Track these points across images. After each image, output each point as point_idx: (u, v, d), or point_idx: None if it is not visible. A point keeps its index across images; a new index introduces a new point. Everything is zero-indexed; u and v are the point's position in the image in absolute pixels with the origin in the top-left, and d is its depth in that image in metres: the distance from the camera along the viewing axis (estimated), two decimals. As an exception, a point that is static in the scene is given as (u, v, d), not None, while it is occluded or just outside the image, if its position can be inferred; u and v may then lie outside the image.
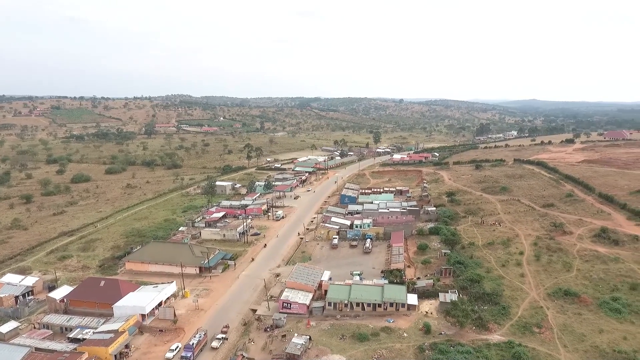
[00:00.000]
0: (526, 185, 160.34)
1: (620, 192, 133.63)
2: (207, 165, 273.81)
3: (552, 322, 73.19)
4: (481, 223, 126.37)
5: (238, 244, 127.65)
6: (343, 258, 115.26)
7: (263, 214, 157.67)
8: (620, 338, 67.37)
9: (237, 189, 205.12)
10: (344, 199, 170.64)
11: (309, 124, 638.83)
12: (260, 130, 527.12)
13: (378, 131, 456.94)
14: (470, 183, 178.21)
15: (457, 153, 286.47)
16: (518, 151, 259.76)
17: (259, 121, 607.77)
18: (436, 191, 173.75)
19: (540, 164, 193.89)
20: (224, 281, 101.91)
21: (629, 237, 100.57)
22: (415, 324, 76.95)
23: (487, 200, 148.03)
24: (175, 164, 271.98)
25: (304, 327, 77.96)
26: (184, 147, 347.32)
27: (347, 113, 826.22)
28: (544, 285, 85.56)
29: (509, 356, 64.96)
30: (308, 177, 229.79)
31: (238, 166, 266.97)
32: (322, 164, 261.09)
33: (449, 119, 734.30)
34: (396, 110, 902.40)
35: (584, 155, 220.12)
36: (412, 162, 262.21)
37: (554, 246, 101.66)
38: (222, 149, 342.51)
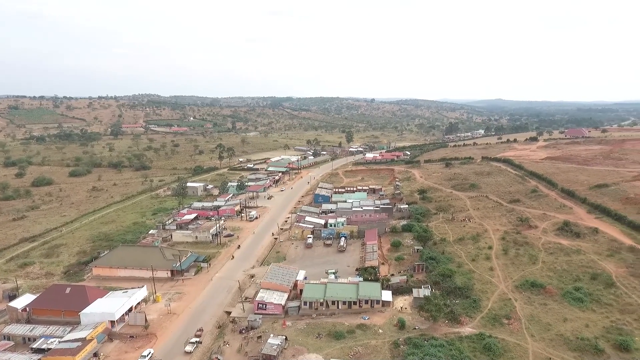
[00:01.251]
0: (494, 182, 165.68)
1: (581, 187, 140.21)
2: (178, 166, 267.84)
3: (520, 313, 75.83)
4: (452, 219, 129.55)
5: (211, 245, 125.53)
6: (318, 257, 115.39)
7: (236, 215, 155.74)
8: (583, 326, 70.59)
9: (209, 190, 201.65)
10: (317, 198, 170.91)
11: (282, 123, 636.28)
12: (232, 130, 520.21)
13: (350, 130, 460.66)
14: (440, 181, 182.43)
15: (428, 151, 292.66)
16: (485, 149, 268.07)
17: (230, 121, 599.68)
18: (408, 189, 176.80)
19: (506, 162, 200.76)
20: (197, 284, 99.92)
21: (589, 230, 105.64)
22: (390, 320, 77.98)
23: (457, 197, 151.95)
24: (143, 165, 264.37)
25: (280, 328, 77.51)
26: (153, 147, 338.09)
27: (320, 113, 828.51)
28: (512, 278, 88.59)
29: (480, 348, 66.85)
30: (281, 177, 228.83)
31: (210, 167, 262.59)
32: (295, 164, 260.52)
33: (419, 118, 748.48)
34: (368, 110, 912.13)
35: (547, 152, 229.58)
36: (385, 160, 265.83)
37: (520, 240, 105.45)
38: (192, 149, 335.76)
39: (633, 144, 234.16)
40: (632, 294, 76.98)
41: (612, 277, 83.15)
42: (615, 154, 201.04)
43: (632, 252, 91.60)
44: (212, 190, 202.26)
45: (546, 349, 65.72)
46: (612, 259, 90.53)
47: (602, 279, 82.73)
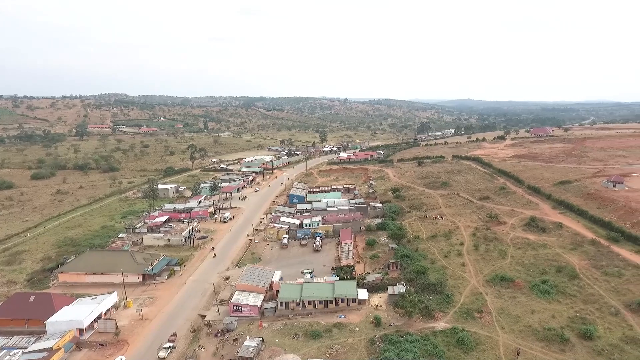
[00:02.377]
0: (464, 180, 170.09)
1: (546, 184, 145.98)
2: (148, 168, 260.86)
3: (490, 307, 78.13)
4: (425, 217, 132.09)
5: (184, 248, 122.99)
6: (293, 257, 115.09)
7: (210, 217, 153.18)
8: (549, 317, 73.48)
9: (181, 192, 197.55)
10: (292, 198, 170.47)
11: (255, 123, 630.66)
12: (203, 131, 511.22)
13: (324, 130, 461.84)
14: (413, 179, 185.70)
15: (401, 151, 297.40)
16: (456, 148, 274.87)
17: (202, 121, 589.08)
18: (382, 188, 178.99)
19: (476, 160, 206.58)
20: (170, 288, 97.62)
21: (554, 225, 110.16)
22: (366, 317, 78.70)
23: (430, 195, 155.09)
24: (111, 167, 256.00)
25: (256, 329, 76.83)
26: (121, 149, 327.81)
27: (293, 112, 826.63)
28: (483, 273, 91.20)
29: (453, 341, 68.42)
30: (255, 178, 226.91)
31: (181, 168, 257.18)
32: (270, 164, 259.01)
33: (391, 118, 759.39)
34: (341, 110, 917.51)
35: (513, 150, 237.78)
36: (358, 160, 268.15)
37: (490, 236, 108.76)
38: (163, 150, 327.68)
39: (593, 142, 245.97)
40: (594, 285, 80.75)
41: (575, 269, 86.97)
42: (577, 151, 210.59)
43: (594, 245, 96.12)
44: (184, 191, 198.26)
45: (516, 340, 68.01)
46: (576, 252, 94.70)
47: (567, 272, 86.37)
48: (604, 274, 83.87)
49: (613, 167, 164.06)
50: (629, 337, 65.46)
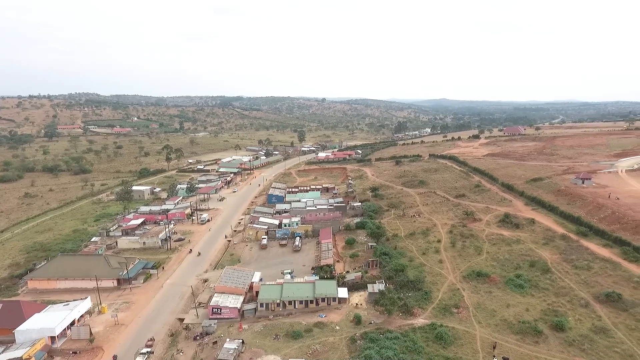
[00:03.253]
0: (441, 178, 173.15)
1: (519, 182, 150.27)
2: (122, 169, 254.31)
3: (467, 302, 79.80)
4: (403, 215, 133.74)
5: (160, 251, 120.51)
6: (273, 258, 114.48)
7: (187, 218, 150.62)
8: (524, 310, 75.65)
9: (156, 194, 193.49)
10: (271, 199, 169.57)
11: (232, 123, 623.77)
12: (179, 131, 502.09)
13: (302, 130, 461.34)
14: (391, 178, 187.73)
15: (379, 150, 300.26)
16: (432, 147, 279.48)
17: (177, 121, 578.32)
18: (361, 187, 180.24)
19: (452, 158, 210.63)
20: (147, 292, 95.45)
21: (527, 221, 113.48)
22: (346, 316, 79.06)
23: (407, 194, 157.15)
24: (83, 169, 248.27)
25: (236, 331, 76.06)
26: (93, 150, 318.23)
27: (271, 112, 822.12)
28: (460, 269, 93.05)
29: (432, 337, 69.53)
30: (233, 178, 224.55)
31: (157, 169, 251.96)
32: (248, 164, 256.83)
33: (369, 118, 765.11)
34: (319, 109, 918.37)
35: (488, 149, 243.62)
36: (337, 159, 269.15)
37: (466, 233, 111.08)
38: (137, 151, 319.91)
39: (562, 140, 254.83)
40: (565, 278, 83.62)
41: (547, 263, 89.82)
42: (548, 150, 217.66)
43: (564, 240, 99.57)
44: (160, 193, 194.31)
45: (492, 334, 69.67)
46: (547, 247, 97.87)
47: (539, 266, 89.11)
48: (574, 267, 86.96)
49: (581, 165, 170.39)
50: (597, 327, 68.06)
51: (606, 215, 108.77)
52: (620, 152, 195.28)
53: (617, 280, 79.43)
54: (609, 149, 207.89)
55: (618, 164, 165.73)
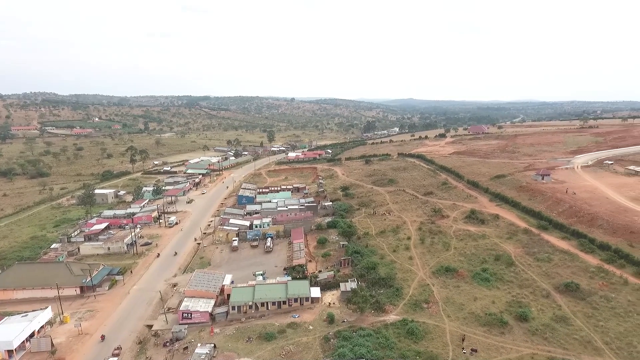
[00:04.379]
0: (409, 177, 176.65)
1: (483, 179, 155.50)
2: (83, 172, 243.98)
3: (437, 297, 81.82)
4: (373, 214, 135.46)
5: (126, 256, 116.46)
6: (244, 259, 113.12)
7: (154, 222, 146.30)
8: (490, 302, 78.35)
9: (121, 197, 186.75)
10: (241, 200, 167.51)
11: (199, 123, 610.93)
12: (144, 131, 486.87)
13: (272, 130, 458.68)
14: (361, 177, 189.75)
15: (348, 149, 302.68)
16: (401, 146, 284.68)
17: (142, 121, 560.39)
18: (331, 186, 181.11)
19: (419, 157, 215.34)
20: (113, 299, 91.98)
21: (492, 216, 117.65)
22: (319, 315, 79.20)
23: (377, 192, 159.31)
24: (40, 172, 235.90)
25: (208, 336, 74.58)
26: (52, 152, 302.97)
27: (239, 112, 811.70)
28: (429, 265, 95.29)
29: (404, 332, 70.80)
30: (202, 180, 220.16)
31: (121, 171, 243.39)
32: (216, 165, 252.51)
33: (338, 117, 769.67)
34: (288, 109, 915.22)
35: (454, 147, 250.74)
36: (307, 159, 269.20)
37: (434, 229, 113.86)
38: (99, 153, 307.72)
39: (523, 138, 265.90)
40: (528, 271, 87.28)
41: (511, 257, 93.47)
42: (510, 147, 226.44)
43: (527, 234, 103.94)
44: (125, 196, 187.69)
45: (461, 327, 71.73)
46: (511, 241, 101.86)
47: (504, 260, 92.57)
48: (536, 260, 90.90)
49: (541, 162, 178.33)
50: (558, 316, 71.43)
51: (564, 209, 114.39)
52: (576, 149, 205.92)
53: (575, 271, 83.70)
54: (566, 147, 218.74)
55: (574, 161, 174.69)
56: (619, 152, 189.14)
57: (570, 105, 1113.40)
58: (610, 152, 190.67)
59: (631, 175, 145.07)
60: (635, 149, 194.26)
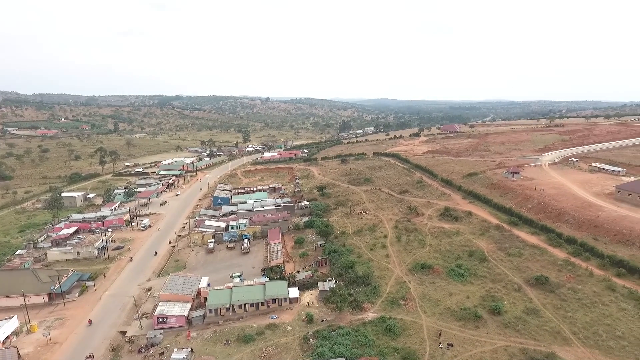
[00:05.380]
0: (385, 176, 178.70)
1: (456, 177, 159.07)
2: (49, 175, 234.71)
3: (414, 294, 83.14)
4: (350, 213, 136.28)
5: (97, 261, 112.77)
6: (221, 261, 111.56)
7: (126, 225, 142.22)
8: (465, 297, 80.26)
9: (90, 200, 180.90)
10: (216, 201, 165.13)
11: (172, 123, 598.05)
12: (114, 132, 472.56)
13: (247, 130, 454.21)
14: (337, 176, 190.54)
15: (324, 149, 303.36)
16: (376, 145, 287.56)
17: (111, 122, 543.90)
18: (308, 186, 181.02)
19: (395, 156, 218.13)
20: (83, 306, 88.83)
21: (465, 213, 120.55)
22: (298, 316, 79.06)
23: (354, 192, 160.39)
24: (3, 175, 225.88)
25: (185, 340, 73.16)
26: (15, 154, 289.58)
27: (213, 112, 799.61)
28: (406, 262, 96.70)
29: (382, 330, 71.59)
30: (175, 181, 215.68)
31: (90, 173, 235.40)
32: (190, 166, 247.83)
33: (313, 117, 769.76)
34: (263, 109, 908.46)
35: (427, 146, 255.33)
36: (283, 159, 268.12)
37: (410, 227, 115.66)
38: (67, 154, 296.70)
39: (494, 137, 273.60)
40: (500, 266, 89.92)
41: (484, 252, 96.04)
42: (481, 146, 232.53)
43: (498, 230, 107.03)
44: (95, 199, 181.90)
45: (437, 322, 73.15)
46: (484, 237, 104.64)
47: (477, 255, 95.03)
48: (507, 255, 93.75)
49: (511, 159, 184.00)
50: (529, 308, 73.91)
51: (533, 205, 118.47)
52: (543, 147, 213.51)
53: (545, 265, 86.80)
54: (534, 145, 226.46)
55: (542, 158, 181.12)
56: (583, 149, 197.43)
57: (537, 104, 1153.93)
58: (575, 149, 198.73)
59: (594, 171, 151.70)
60: (598, 146, 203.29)
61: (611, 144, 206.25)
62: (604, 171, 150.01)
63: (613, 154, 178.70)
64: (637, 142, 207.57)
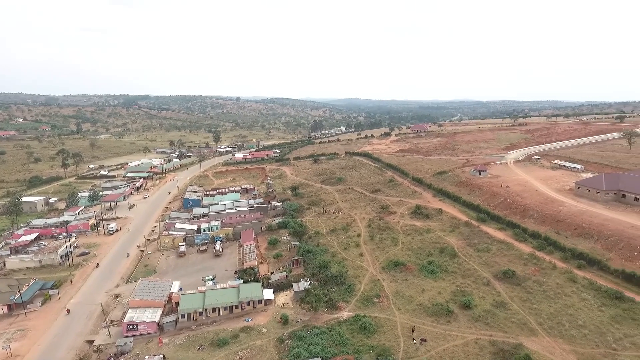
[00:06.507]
0: (357, 175, 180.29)
1: (427, 175, 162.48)
2: (6, 179, 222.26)
3: (387, 291, 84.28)
4: (323, 212, 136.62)
5: (61, 268, 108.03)
6: (193, 265, 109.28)
7: (91, 230, 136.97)
8: (437, 293, 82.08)
9: (52, 204, 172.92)
10: (187, 203, 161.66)
11: (139, 124, 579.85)
12: (76, 133, 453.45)
13: (217, 130, 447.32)
14: (310, 176, 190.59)
15: (296, 149, 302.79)
16: (348, 145, 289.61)
17: (74, 122, 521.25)
18: (280, 186, 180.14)
19: (366, 155, 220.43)
20: (46, 316, 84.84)
21: (435, 211, 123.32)
22: (273, 317, 78.53)
23: (327, 191, 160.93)
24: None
25: (156, 347, 71.24)
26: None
27: (182, 112, 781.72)
28: (379, 261, 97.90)
29: (357, 328, 72.15)
30: (143, 183, 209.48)
31: (51, 177, 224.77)
32: (159, 168, 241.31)
33: (285, 117, 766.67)
34: (234, 109, 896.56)
35: (398, 145, 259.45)
36: (255, 159, 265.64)
37: (383, 225, 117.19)
38: (25, 157, 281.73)
39: (462, 136, 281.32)
40: (470, 261, 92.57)
41: (454, 249, 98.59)
42: (450, 145, 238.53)
43: (467, 226, 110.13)
44: (57, 203, 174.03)
45: (411, 319, 74.46)
46: (454, 233, 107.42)
47: (448, 252, 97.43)
48: (476, 250, 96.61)
49: (478, 158, 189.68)
50: (497, 302, 76.45)
51: (500, 202, 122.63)
52: (508, 146, 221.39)
53: (511, 259, 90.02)
54: (499, 143, 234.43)
55: (507, 156, 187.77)
56: (545, 147, 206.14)
57: (502, 104, 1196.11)
58: (538, 147, 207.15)
59: (556, 168, 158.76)
60: (559, 144, 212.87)
61: (571, 142, 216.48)
62: (564, 168, 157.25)
63: (572, 151, 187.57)
64: (594, 140, 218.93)
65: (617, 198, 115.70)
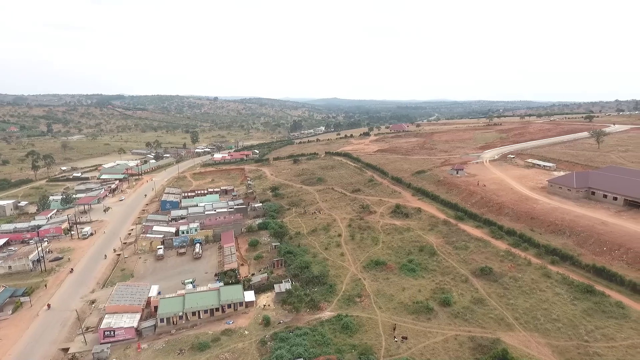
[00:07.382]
0: (337, 175, 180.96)
1: (406, 174, 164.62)
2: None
3: (368, 290, 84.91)
4: (304, 213, 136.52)
5: (32, 274, 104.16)
6: (172, 268, 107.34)
7: (64, 234, 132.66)
8: (417, 291, 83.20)
9: (22, 208, 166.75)
10: (165, 205, 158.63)
11: (113, 124, 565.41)
12: (47, 134, 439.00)
13: (195, 130, 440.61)
14: (290, 177, 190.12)
15: (276, 149, 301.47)
16: (328, 145, 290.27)
17: (44, 123, 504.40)
18: (260, 187, 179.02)
19: (346, 155, 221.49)
20: (18, 323, 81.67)
21: (415, 210, 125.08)
22: (254, 319, 77.96)
23: (307, 191, 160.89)
24: None
25: (135, 353, 69.59)
26: None
27: (158, 112, 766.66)
28: (360, 260, 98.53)
29: (339, 328, 72.39)
30: (119, 185, 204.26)
31: (20, 179, 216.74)
32: (135, 169, 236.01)
33: (264, 117, 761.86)
34: (212, 109, 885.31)
35: (377, 145, 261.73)
36: (234, 160, 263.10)
37: (363, 225, 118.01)
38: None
39: (439, 135, 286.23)
40: (449, 259, 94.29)
41: (434, 247, 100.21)
42: (428, 144, 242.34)
43: (446, 224, 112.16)
44: (27, 207, 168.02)
45: (392, 317, 75.23)
46: (433, 232, 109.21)
47: (427, 250, 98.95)
48: (455, 248, 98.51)
49: (455, 157, 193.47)
50: (476, 298, 78.14)
51: (477, 200, 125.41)
52: (484, 145, 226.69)
53: (488, 256, 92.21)
54: (476, 143, 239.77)
55: (483, 155, 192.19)
56: (519, 146, 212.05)
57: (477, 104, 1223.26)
58: (513, 146, 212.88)
59: (530, 167, 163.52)
60: (532, 143, 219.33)
61: (543, 141, 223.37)
62: (537, 167, 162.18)
63: (545, 150, 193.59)
64: (565, 139, 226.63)
65: (587, 195, 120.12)
